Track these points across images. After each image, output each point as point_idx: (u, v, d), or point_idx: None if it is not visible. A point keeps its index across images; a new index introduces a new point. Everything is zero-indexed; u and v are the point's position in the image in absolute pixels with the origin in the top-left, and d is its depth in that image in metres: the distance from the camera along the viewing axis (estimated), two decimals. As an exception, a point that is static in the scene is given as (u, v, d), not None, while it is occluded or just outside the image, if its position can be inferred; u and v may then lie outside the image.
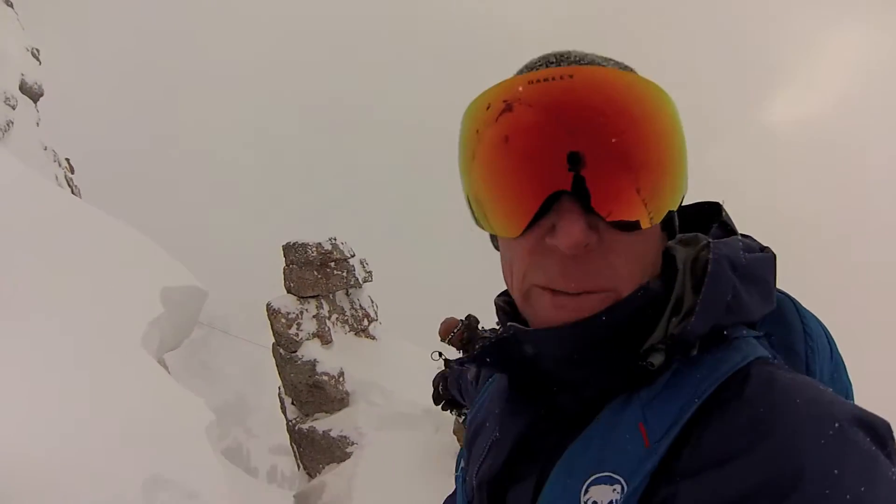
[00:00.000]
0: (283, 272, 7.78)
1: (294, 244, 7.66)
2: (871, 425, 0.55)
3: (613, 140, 0.61)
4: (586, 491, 0.62)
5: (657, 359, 0.64)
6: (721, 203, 0.83)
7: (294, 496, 6.70)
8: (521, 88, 0.64)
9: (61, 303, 4.24)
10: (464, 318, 4.88)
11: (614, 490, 0.60)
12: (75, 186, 16.51)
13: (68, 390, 3.50)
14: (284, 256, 7.75)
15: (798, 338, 0.74)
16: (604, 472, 0.62)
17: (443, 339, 6.24)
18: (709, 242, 0.72)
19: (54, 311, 4.12)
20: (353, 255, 8.17)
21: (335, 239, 7.89)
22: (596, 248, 0.63)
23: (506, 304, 0.83)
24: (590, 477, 0.63)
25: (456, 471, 1.00)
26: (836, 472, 0.50)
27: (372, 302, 8.63)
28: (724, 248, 0.71)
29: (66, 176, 15.96)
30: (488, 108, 0.67)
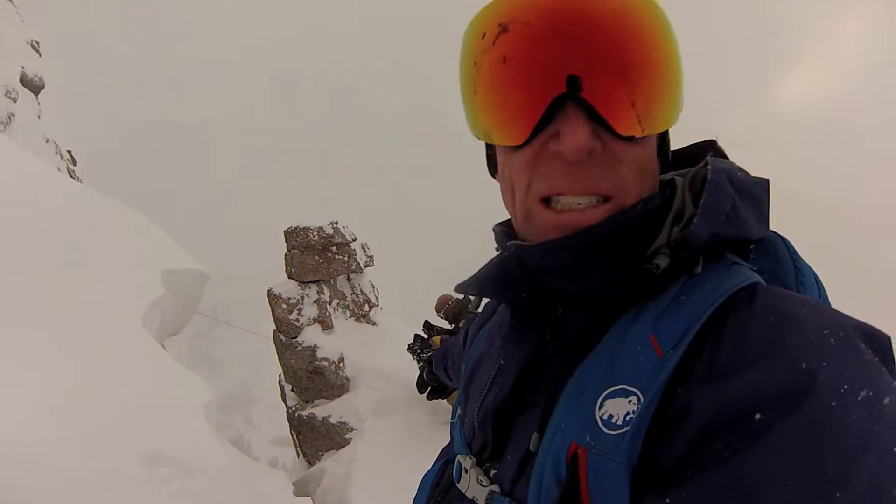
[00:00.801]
0: (285, 257, 7.76)
1: (295, 229, 7.62)
2: (874, 336, 0.56)
3: (610, 58, 0.62)
4: (601, 406, 0.62)
5: (662, 261, 0.65)
6: (715, 139, 0.83)
7: (293, 483, 6.72)
8: (517, 6, 0.64)
9: (63, 282, 4.26)
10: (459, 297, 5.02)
11: (630, 402, 0.60)
12: (78, 178, 16.54)
13: (68, 366, 3.53)
14: (286, 241, 7.72)
15: (788, 273, 0.75)
16: (618, 385, 0.62)
17: (438, 312, 6.29)
18: (706, 161, 0.73)
19: (56, 289, 4.14)
20: (354, 240, 8.13)
21: (336, 223, 7.85)
22: (600, 154, 0.65)
23: (506, 228, 0.84)
24: (603, 392, 0.62)
25: (452, 418, 0.98)
26: (847, 375, 0.51)
27: (373, 287, 8.60)
28: (722, 164, 0.73)
29: (68, 168, 16.01)
30: (483, 36, 0.68)
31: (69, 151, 17.47)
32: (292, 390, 8.00)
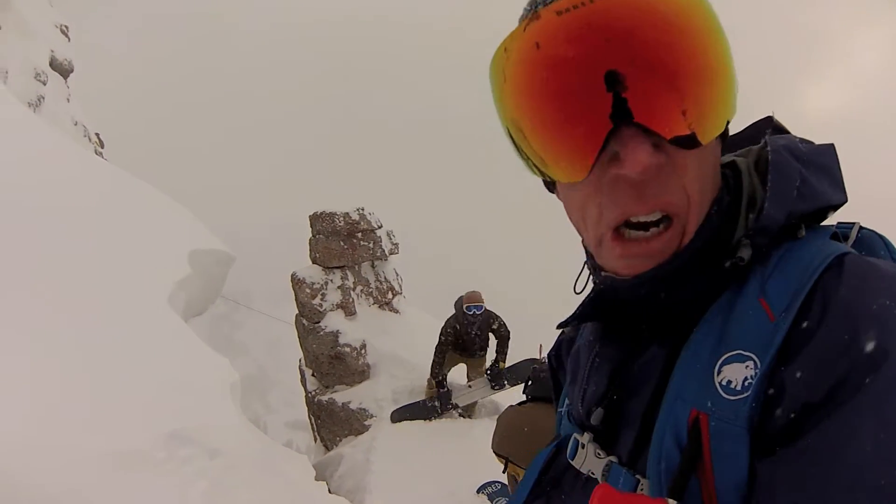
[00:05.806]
0: (309, 242, 7.79)
1: (321, 214, 7.65)
2: None
3: (658, 59, 0.58)
4: (719, 372, 0.61)
5: (745, 253, 0.65)
6: (772, 115, 0.81)
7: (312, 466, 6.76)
8: (546, 23, 0.60)
9: (91, 259, 4.27)
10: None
11: (747, 367, 0.59)
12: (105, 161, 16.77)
13: (93, 343, 3.52)
14: (311, 226, 7.75)
15: None
16: (733, 350, 0.61)
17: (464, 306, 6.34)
18: (766, 141, 0.72)
19: (84, 267, 4.14)
20: (380, 227, 8.14)
21: (363, 209, 7.87)
22: (665, 166, 0.62)
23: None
24: (720, 357, 0.62)
25: (560, 407, 1.01)
26: None
27: (397, 275, 8.61)
28: (781, 140, 0.72)
29: (95, 151, 16.24)
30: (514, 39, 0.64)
31: (97, 134, 17.72)
32: (313, 375, 8.04)
